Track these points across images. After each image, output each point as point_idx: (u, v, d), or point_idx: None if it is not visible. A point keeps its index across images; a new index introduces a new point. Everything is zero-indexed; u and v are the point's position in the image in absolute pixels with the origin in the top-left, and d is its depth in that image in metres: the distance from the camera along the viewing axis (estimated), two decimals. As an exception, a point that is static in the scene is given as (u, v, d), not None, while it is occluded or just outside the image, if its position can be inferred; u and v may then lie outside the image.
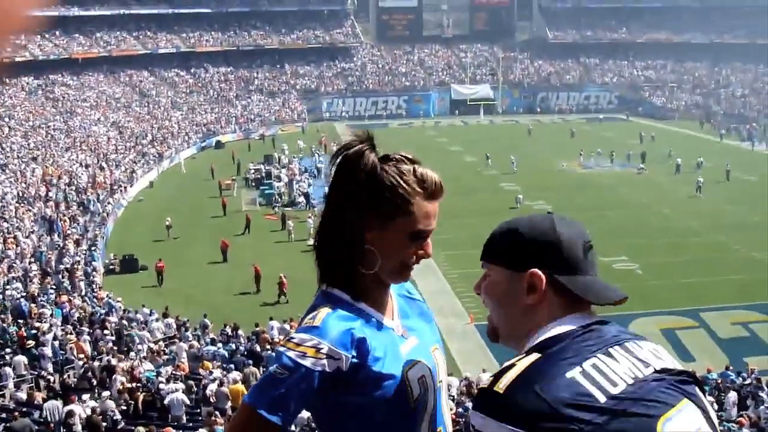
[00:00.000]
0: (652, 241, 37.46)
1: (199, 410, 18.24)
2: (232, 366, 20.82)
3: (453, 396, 18.28)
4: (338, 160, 2.15)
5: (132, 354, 21.98)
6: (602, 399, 1.60)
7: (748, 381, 20.86)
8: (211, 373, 19.76)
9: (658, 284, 31.59)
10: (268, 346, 23.25)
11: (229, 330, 25.50)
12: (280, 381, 1.97)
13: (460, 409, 17.02)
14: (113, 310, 26.86)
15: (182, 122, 76.17)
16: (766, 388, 20.24)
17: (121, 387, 18.31)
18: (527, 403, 1.58)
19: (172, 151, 64.99)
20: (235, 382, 19.04)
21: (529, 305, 1.83)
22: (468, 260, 34.48)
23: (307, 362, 1.98)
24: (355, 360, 2.04)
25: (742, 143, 70.29)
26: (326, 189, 2.22)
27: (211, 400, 18.16)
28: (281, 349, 2.02)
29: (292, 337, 2.02)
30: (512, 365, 1.66)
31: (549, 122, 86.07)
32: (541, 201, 45.14)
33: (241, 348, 23.43)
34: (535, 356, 1.68)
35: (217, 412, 16.93)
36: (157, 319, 26.21)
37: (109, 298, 28.30)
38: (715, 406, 17.74)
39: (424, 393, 2.15)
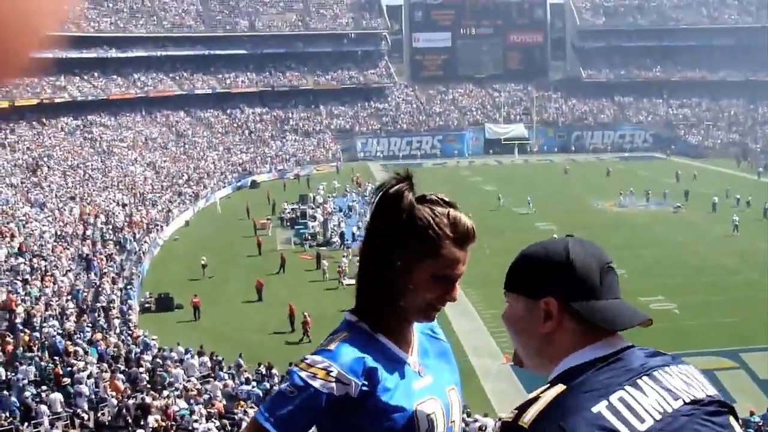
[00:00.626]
0: (688, 281, 37.06)
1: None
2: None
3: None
4: (377, 198, 2.17)
5: (166, 392, 22.01)
6: None
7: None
8: (245, 412, 19.74)
9: (696, 324, 31.21)
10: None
11: (263, 369, 25.49)
12: (289, 399, 2.02)
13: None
14: (148, 348, 26.97)
15: (218, 162, 76.82)
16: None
17: (155, 425, 18.33)
18: None
19: (207, 191, 65.49)
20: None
21: (546, 333, 1.80)
22: (501, 299, 34.13)
23: (317, 383, 2.02)
24: (365, 388, 2.07)
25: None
26: (359, 226, 2.23)
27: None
28: (294, 369, 2.07)
29: (306, 358, 2.07)
30: (536, 398, 1.63)
31: (584, 161, 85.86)
32: (577, 240, 44.88)
33: (276, 387, 23.38)
34: (559, 388, 1.65)
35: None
36: (192, 357, 26.25)
37: (145, 336, 28.41)
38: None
39: (429, 429, 2.16)
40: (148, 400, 20.22)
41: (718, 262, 40.96)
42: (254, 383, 23.75)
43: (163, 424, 18.42)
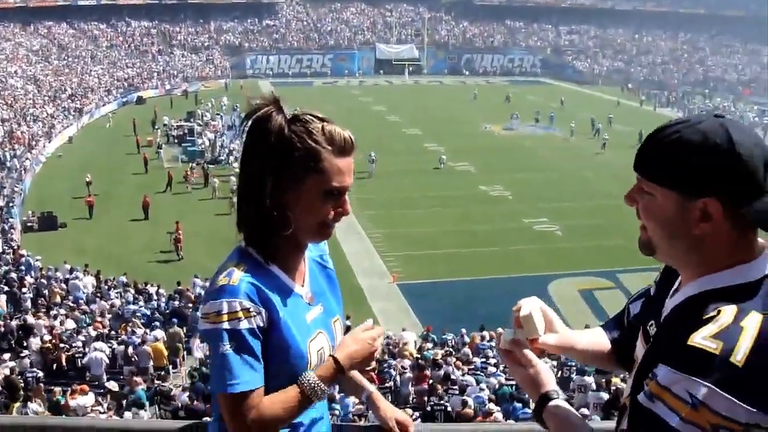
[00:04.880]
0: (573, 204, 37.96)
1: (119, 369, 18.10)
2: (157, 324, 20.68)
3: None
4: (248, 124, 2.16)
5: (52, 312, 21.61)
6: None
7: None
8: (133, 332, 19.58)
9: (576, 246, 32.10)
10: (191, 304, 23.10)
11: (150, 288, 25.24)
12: (235, 355, 2.03)
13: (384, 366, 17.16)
14: (31, 268, 26.36)
15: (102, 77, 74.55)
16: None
17: (40, 346, 18.05)
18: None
19: (92, 106, 63.60)
20: (156, 340, 18.92)
21: (700, 235, 1.62)
22: (391, 220, 34.66)
23: (243, 325, 2.04)
24: (268, 318, 2.11)
25: (662, 109, 71.65)
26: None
27: (133, 359, 18.03)
28: (216, 325, 2.05)
29: (220, 310, 2.04)
30: (740, 328, 1.49)
31: (473, 84, 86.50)
32: (466, 162, 45.60)
33: (163, 306, 23.26)
34: (758, 317, 1.51)
35: (138, 372, 16.86)
36: (77, 278, 25.76)
37: (28, 256, 27.71)
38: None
39: (319, 363, 2.22)
40: (31, 320, 19.83)
41: (601, 188, 42.04)
42: (141, 302, 23.53)
43: (49, 345, 18.13)
